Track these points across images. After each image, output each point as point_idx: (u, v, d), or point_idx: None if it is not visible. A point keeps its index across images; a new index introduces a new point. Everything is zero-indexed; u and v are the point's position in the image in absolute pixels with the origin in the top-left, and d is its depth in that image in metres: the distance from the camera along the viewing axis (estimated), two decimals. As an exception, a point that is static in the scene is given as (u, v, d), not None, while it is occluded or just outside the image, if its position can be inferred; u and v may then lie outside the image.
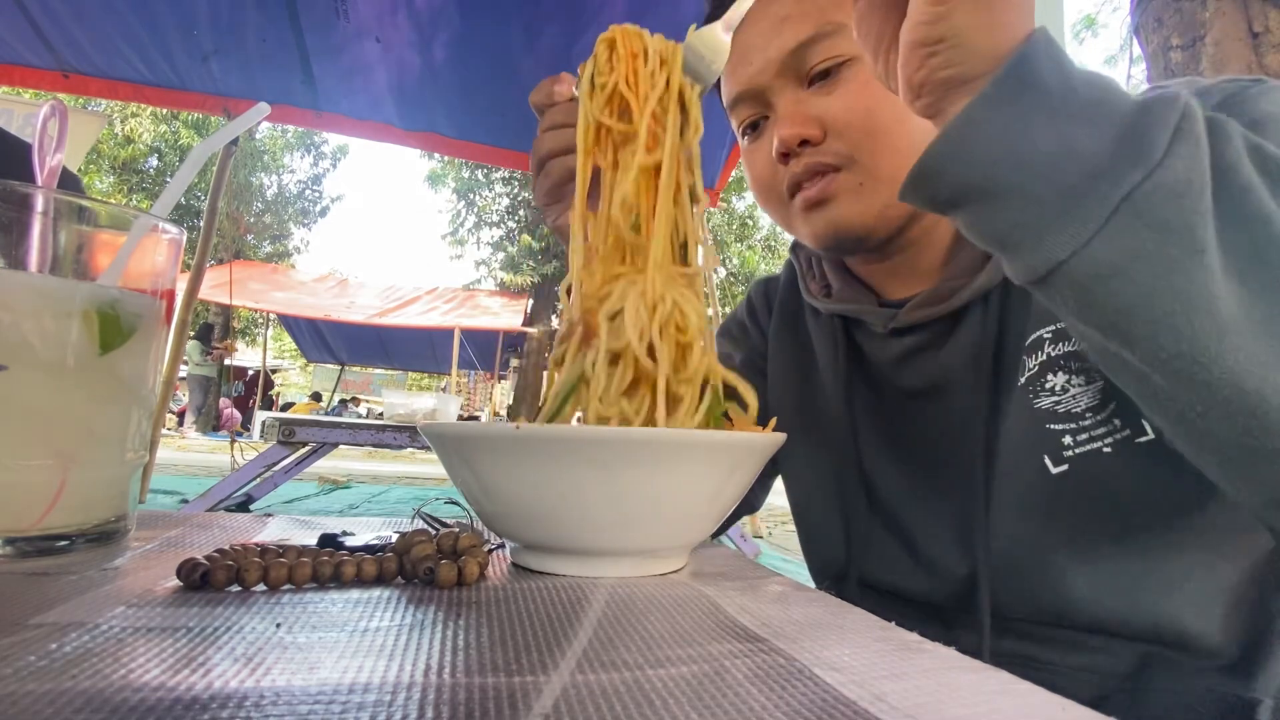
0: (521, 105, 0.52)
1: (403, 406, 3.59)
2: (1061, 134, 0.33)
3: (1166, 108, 0.34)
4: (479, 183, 16.17)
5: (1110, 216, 0.32)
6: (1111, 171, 0.33)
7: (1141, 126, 0.33)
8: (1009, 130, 0.34)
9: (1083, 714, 0.20)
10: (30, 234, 0.37)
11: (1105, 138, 0.33)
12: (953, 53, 0.35)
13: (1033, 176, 0.34)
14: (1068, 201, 0.33)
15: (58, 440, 0.36)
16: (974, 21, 0.34)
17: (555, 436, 0.34)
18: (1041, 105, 0.34)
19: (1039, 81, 0.34)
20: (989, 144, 0.34)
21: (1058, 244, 0.34)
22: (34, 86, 2.72)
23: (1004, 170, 0.34)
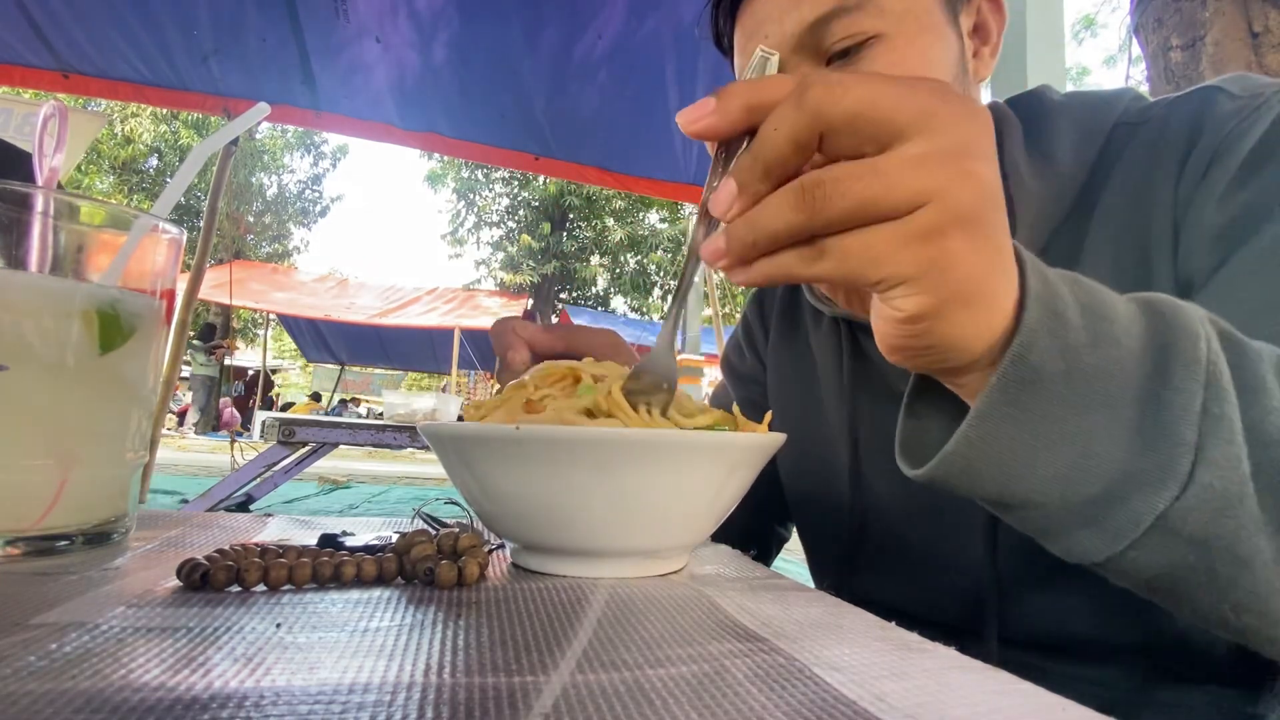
0: (521, 105, 0.52)
1: (403, 406, 3.59)
2: (1074, 436, 0.30)
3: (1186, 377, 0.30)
4: (479, 183, 16.17)
5: (1145, 534, 0.30)
6: (1139, 485, 0.30)
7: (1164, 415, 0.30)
8: (1015, 445, 0.31)
9: (1083, 714, 0.20)
10: (30, 234, 0.37)
11: (1124, 434, 0.30)
12: (947, 353, 0.31)
13: (1050, 492, 0.32)
14: (1094, 512, 0.31)
15: (58, 440, 0.36)
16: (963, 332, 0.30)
17: (555, 437, 0.34)
18: (1048, 404, 0.30)
19: (1039, 375, 0.30)
20: (994, 463, 0.32)
21: (1089, 549, 0.32)
22: (34, 86, 2.72)
23: (1016, 487, 0.32)
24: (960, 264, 0.27)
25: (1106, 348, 0.30)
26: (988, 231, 0.28)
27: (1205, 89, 0.48)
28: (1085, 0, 22.95)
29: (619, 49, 2.55)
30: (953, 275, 0.27)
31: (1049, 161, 0.50)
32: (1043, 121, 0.52)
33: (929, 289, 0.28)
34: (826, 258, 0.28)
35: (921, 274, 0.27)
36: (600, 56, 2.60)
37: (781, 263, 0.29)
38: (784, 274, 0.29)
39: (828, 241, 0.27)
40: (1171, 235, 0.46)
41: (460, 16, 2.45)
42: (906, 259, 0.27)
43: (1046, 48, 1.51)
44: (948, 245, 0.27)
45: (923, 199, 0.26)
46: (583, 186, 13.31)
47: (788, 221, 0.27)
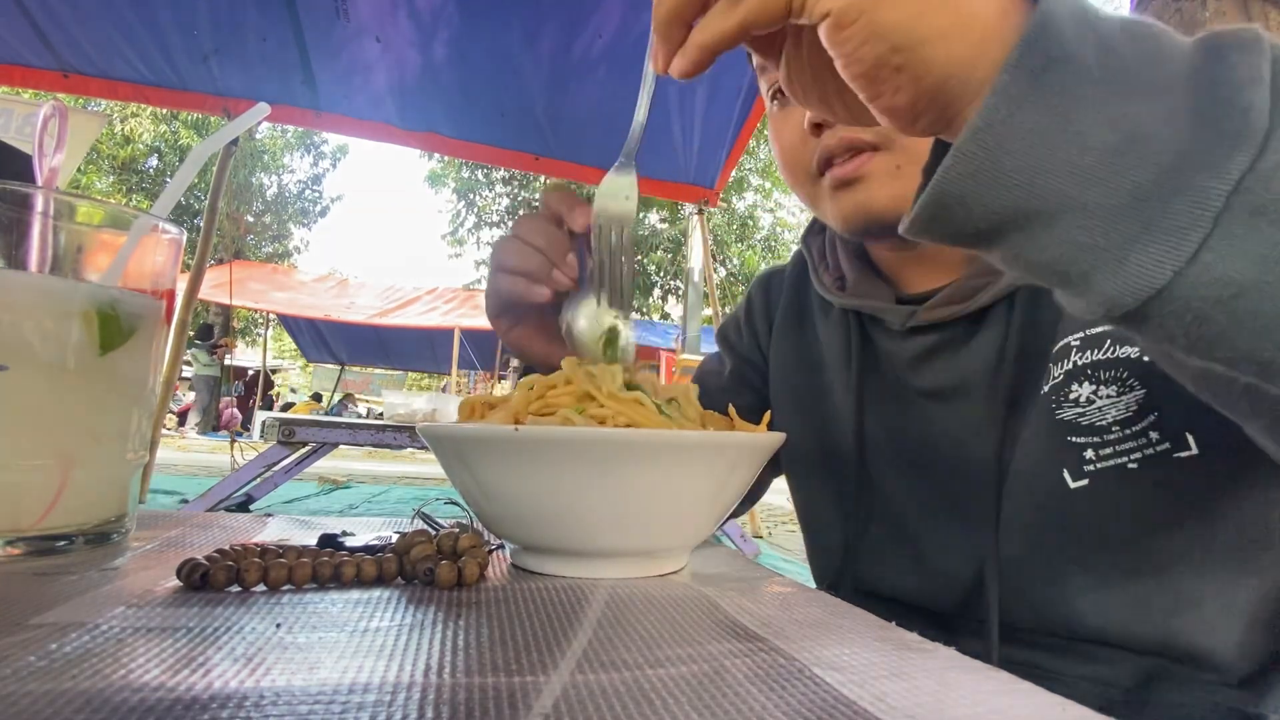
0: (521, 105, 0.52)
1: (402, 406, 3.59)
2: (1116, 117, 0.25)
3: (1247, 52, 0.26)
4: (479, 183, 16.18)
5: (1218, 217, 0.24)
6: (1204, 156, 0.24)
7: (1224, 89, 0.25)
8: (1045, 126, 0.26)
9: (1083, 713, 0.20)
10: (30, 234, 0.37)
11: (1176, 111, 0.25)
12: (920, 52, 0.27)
13: (1089, 185, 0.26)
14: (1150, 207, 0.25)
15: (58, 440, 0.36)
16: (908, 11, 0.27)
17: (554, 437, 0.34)
18: (1080, 83, 0.25)
19: (1067, 51, 0.26)
20: (1023, 150, 0.26)
21: (1149, 265, 0.25)
22: (34, 86, 2.72)
23: (1051, 180, 0.26)
24: None
25: (1147, 40, 0.26)
26: None
27: None
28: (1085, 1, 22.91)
29: (618, 46, 2.56)
30: None
31: None
32: None
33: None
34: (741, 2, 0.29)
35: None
36: (600, 55, 2.60)
37: (706, 25, 0.31)
38: (712, 36, 0.31)
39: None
40: None
41: (460, 15, 2.45)
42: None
43: (1046, 47, 1.50)
44: None
45: None
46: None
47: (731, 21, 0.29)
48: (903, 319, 0.54)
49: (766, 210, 15.74)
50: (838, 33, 0.28)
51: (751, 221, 15.37)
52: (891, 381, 0.57)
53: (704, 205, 3.42)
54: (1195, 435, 0.43)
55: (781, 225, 15.70)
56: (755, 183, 15.15)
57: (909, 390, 0.56)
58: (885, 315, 0.56)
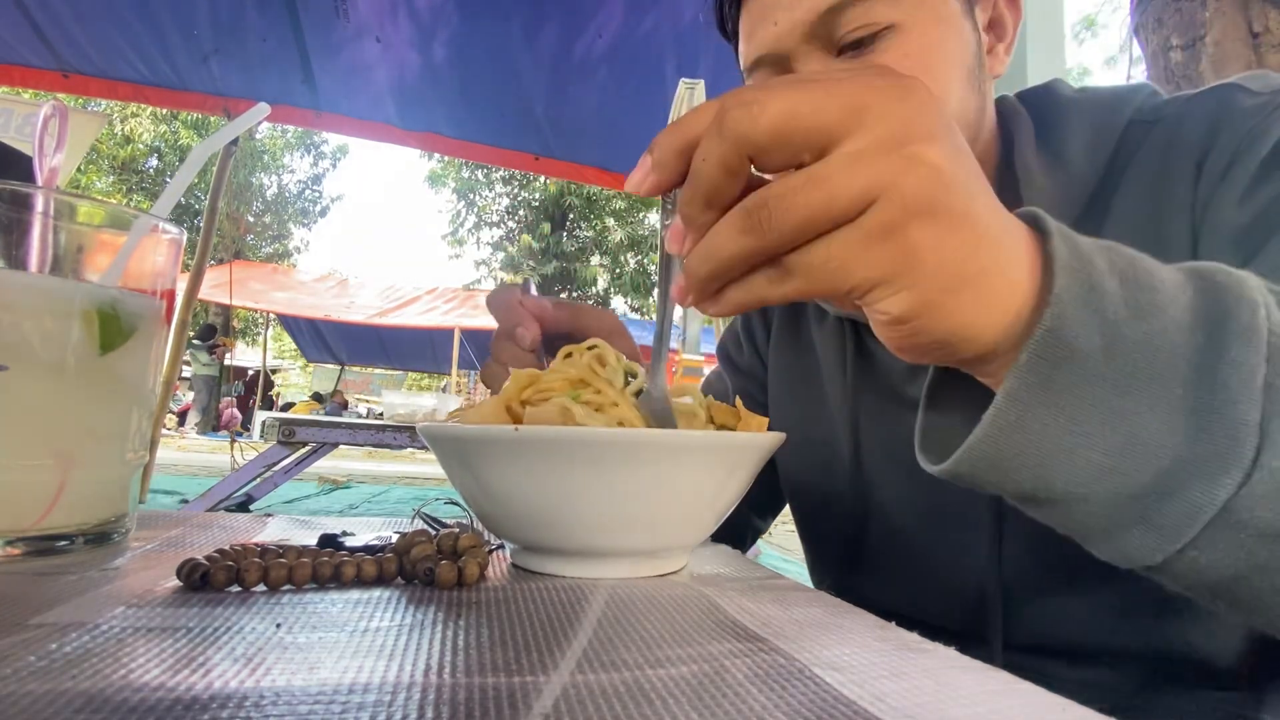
0: (521, 105, 0.52)
1: (403, 406, 3.59)
2: (1118, 419, 0.27)
3: (1245, 347, 0.27)
4: (479, 183, 16.18)
5: (1206, 529, 0.27)
6: (1196, 473, 0.27)
7: (1220, 394, 0.27)
8: (1050, 429, 0.28)
9: (1084, 714, 0.20)
10: (30, 234, 0.37)
11: (1175, 415, 0.27)
12: (956, 347, 0.29)
13: (1092, 484, 0.28)
14: (1145, 506, 0.28)
15: (58, 440, 0.36)
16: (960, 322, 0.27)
17: (554, 437, 0.34)
18: (1085, 383, 0.27)
19: (1075, 352, 0.27)
20: (1030, 452, 0.28)
21: (1142, 550, 0.29)
22: (34, 86, 2.72)
23: (1054, 478, 0.29)
24: (930, 253, 0.26)
25: (1150, 319, 0.27)
26: (953, 212, 0.26)
27: (1223, 87, 0.47)
28: (1085, 0, 22.96)
29: (619, 47, 2.55)
30: (926, 267, 0.26)
31: (1060, 160, 0.49)
32: (1055, 118, 0.51)
33: (906, 286, 0.26)
34: (793, 276, 0.27)
35: (893, 273, 0.26)
36: (600, 55, 2.60)
37: (751, 288, 0.28)
38: (756, 299, 0.29)
39: (790, 259, 0.27)
40: (1190, 238, 0.45)
41: (460, 15, 2.45)
42: (872, 261, 0.26)
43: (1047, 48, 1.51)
44: (910, 237, 0.26)
45: (870, 195, 0.25)
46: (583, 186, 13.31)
47: (740, 246, 0.27)
48: None
49: (766, 210, 15.69)
50: (891, 328, 0.29)
51: (751, 221, 15.34)
52: (887, 391, 0.57)
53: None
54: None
55: (781, 225, 15.64)
56: (755, 183, 15.11)
57: (904, 400, 0.55)
58: None
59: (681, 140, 0.28)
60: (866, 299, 0.27)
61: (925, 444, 0.34)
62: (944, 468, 0.31)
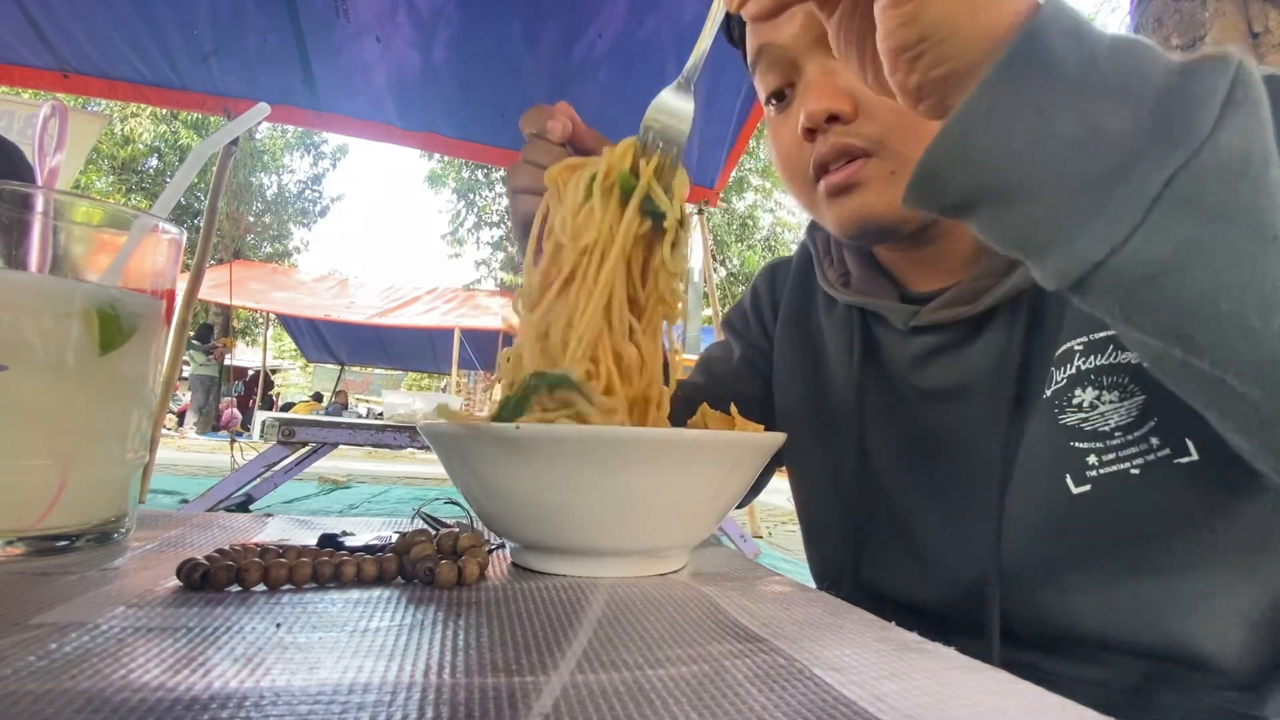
0: (521, 105, 0.52)
1: (403, 406, 3.59)
2: (1084, 115, 0.29)
3: (1214, 72, 0.29)
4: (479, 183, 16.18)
5: (1152, 205, 0.28)
6: (1149, 153, 0.28)
7: (1184, 97, 0.28)
8: (1018, 117, 0.29)
9: (1083, 714, 0.20)
10: (30, 234, 0.37)
11: (1139, 114, 0.28)
12: (941, 48, 0.30)
13: (1051, 169, 0.29)
14: (1097, 193, 0.29)
15: (58, 440, 0.36)
16: (952, 8, 0.30)
17: (555, 436, 0.34)
18: (1057, 83, 0.29)
19: (1052, 57, 0.29)
20: (996, 136, 0.30)
21: (1090, 242, 0.29)
22: (34, 86, 2.72)
23: (1016, 164, 0.30)
24: None
25: (1128, 57, 0.30)
26: None
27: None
28: (1085, 1, 23.01)
29: (619, 48, 2.55)
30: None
31: None
32: None
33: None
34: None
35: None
36: (600, 56, 2.60)
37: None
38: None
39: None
40: None
41: (460, 15, 2.45)
42: None
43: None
44: None
45: None
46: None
47: None
48: (906, 318, 0.54)
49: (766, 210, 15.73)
50: (891, 9, 0.30)
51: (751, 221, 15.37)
52: (894, 380, 0.57)
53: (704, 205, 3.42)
54: (1195, 441, 0.43)
55: (781, 225, 15.69)
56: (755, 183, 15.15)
57: (911, 390, 0.55)
58: (888, 314, 0.56)
59: None
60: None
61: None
62: (916, 167, 0.32)
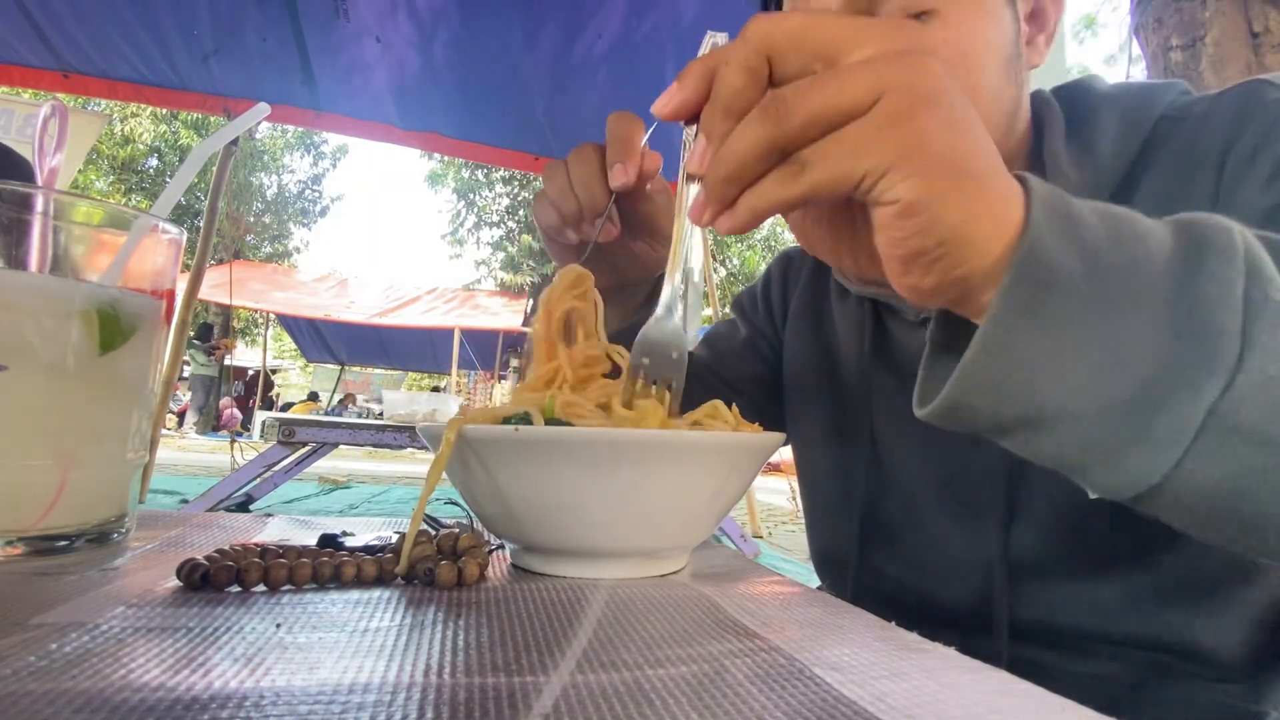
0: (521, 105, 0.52)
1: (403, 406, 3.59)
2: (1102, 336, 0.28)
3: (1223, 262, 0.28)
4: (479, 183, 16.18)
5: (1196, 436, 0.27)
6: (1182, 379, 0.27)
7: (1200, 305, 0.27)
8: (1037, 349, 0.28)
9: (1082, 714, 0.20)
10: (30, 234, 0.37)
11: (1158, 326, 0.28)
12: (957, 252, 0.29)
13: (1080, 396, 0.28)
14: (1136, 419, 0.28)
15: (58, 440, 0.36)
16: (965, 215, 0.28)
17: (554, 438, 0.34)
18: (1067, 304, 0.28)
19: (1055, 275, 0.28)
20: (1016, 369, 0.29)
21: (1140, 468, 0.28)
22: (34, 86, 2.72)
23: (1043, 395, 0.29)
24: (936, 139, 0.27)
25: (1129, 245, 0.28)
26: (956, 110, 0.28)
27: (1250, 83, 0.47)
28: (1085, 0, 22.97)
29: (619, 48, 2.55)
30: (932, 151, 0.27)
31: (1089, 153, 0.49)
32: (1086, 112, 0.51)
33: (914, 170, 0.27)
34: (807, 169, 0.28)
35: (902, 157, 0.27)
36: (600, 56, 2.60)
37: (764, 191, 0.29)
38: (768, 203, 0.29)
39: (804, 154, 0.28)
40: None
41: (460, 16, 2.45)
42: (882, 144, 0.27)
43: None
44: (918, 124, 0.27)
45: (879, 85, 0.27)
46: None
47: (755, 137, 0.28)
48: (916, 309, 0.54)
49: (766, 210, 15.67)
50: (899, 219, 0.29)
51: (751, 221, 15.33)
52: (904, 370, 0.57)
53: (704, 205, 3.41)
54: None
55: (781, 225, 15.69)
56: (755, 183, 15.09)
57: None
58: (899, 305, 0.56)
59: (708, 65, 0.30)
60: (877, 189, 0.28)
61: (922, 398, 0.34)
62: (937, 403, 0.31)
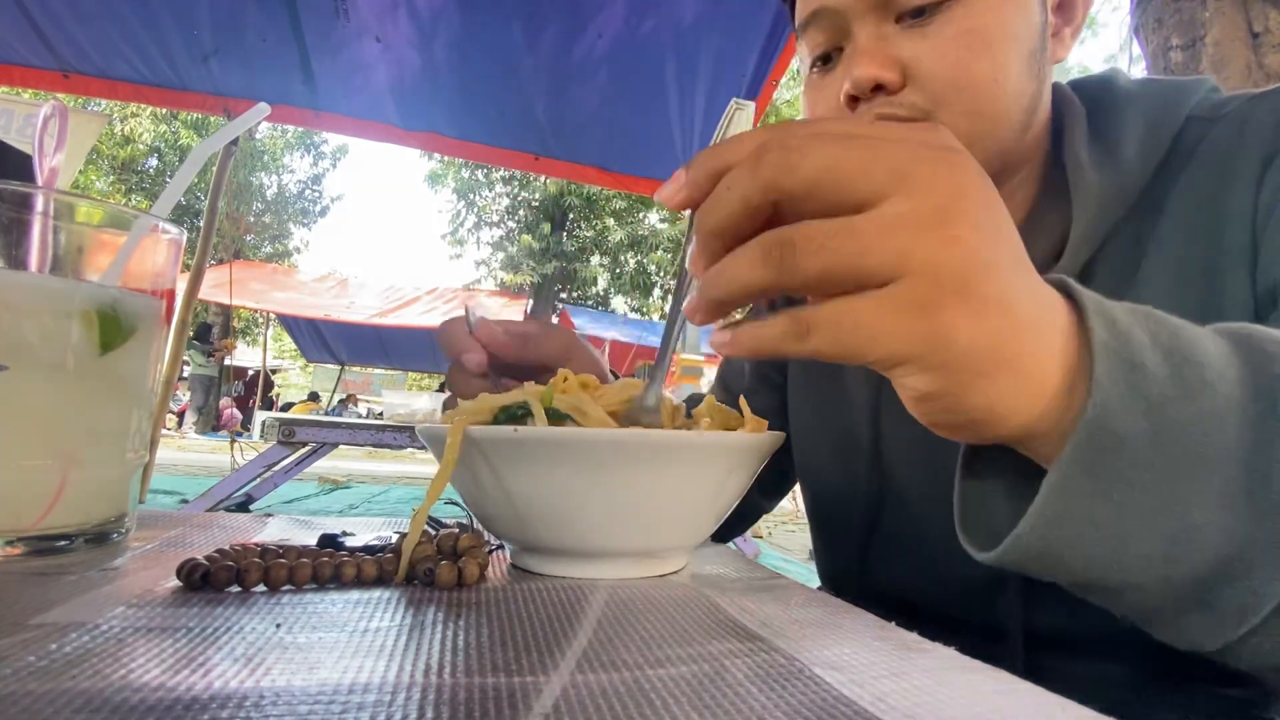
0: (521, 105, 0.51)
1: (403, 406, 3.59)
2: (1168, 506, 0.26)
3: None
4: (479, 183, 16.18)
5: (1270, 615, 0.26)
6: (1255, 560, 0.26)
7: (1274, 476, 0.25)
8: (1098, 521, 0.27)
9: (1082, 714, 0.20)
10: (30, 234, 0.37)
11: (1229, 501, 0.26)
12: (990, 424, 0.27)
13: (1148, 571, 0.27)
14: (1204, 592, 0.27)
15: (58, 440, 0.36)
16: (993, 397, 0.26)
17: (554, 439, 0.34)
18: (1134, 470, 0.26)
19: (1120, 440, 0.26)
20: (1079, 544, 0.27)
21: (1202, 636, 0.28)
22: (34, 86, 2.72)
23: (1109, 568, 0.27)
24: (964, 334, 0.25)
25: (1199, 399, 0.26)
26: (988, 297, 0.25)
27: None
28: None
29: (619, 49, 2.55)
30: (958, 347, 0.25)
31: (1112, 155, 0.48)
32: (1110, 111, 0.50)
33: (934, 366, 0.25)
34: (815, 334, 0.26)
35: (922, 351, 0.25)
36: (600, 56, 2.60)
37: (768, 337, 0.27)
38: (772, 350, 0.27)
39: (813, 316, 0.26)
40: (1250, 245, 0.43)
41: (460, 15, 2.45)
42: (902, 335, 0.25)
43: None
44: (944, 318, 0.25)
45: (903, 264, 0.24)
46: (583, 186, 13.32)
47: (757, 277, 0.26)
48: None
49: (766, 210, 15.67)
50: (919, 403, 0.28)
51: (751, 221, 15.33)
52: None
53: (704, 205, 3.41)
54: None
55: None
56: (755, 183, 15.08)
57: None
58: None
59: (719, 163, 0.27)
60: (894, 372, 0.27)
61: (965, 521, 0.32)
62: (990, 557, 0.30)
